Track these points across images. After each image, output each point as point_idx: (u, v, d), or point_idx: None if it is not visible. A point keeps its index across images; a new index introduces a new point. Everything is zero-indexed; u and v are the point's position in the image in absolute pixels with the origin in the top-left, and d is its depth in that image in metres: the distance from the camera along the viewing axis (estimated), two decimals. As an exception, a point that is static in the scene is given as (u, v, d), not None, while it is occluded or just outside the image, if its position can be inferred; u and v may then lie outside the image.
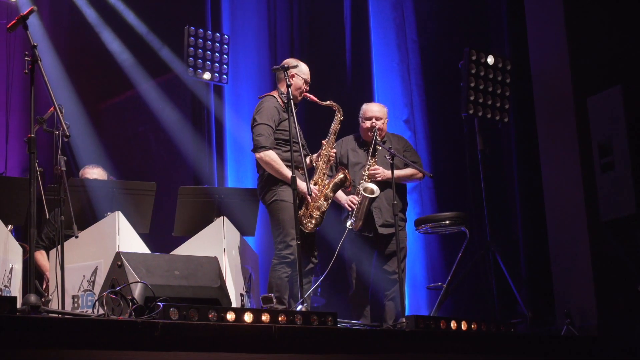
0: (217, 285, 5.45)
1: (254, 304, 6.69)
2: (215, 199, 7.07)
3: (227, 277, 6.29)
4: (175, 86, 9.48)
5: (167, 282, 5.22)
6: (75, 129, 7.99)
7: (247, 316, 4.74)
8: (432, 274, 8.66)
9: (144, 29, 9.56)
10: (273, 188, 6.40)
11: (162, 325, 4.34)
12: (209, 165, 9.35)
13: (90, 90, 9.19)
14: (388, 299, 6.84)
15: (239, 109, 9.62)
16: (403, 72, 9.12)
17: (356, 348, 5.04)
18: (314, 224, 6.50)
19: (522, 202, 8.09)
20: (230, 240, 6.64)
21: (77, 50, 9.27)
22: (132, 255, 5.32)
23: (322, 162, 6.64)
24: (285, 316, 4.89)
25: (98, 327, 4.25)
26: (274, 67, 6.52)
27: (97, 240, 6.28)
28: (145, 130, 9.79)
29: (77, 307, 6.16)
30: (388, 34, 9.22)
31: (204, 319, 4.59)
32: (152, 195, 6.89)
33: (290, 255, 6.24)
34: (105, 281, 5.30)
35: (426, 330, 5.38)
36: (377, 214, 6.87)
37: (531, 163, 7.69)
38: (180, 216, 7.03)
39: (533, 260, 7.86)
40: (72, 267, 6.10)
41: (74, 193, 6.10)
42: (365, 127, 6.99)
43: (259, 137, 6.42)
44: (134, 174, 8.54)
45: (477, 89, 7.52)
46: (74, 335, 4.11)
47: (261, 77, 9.64)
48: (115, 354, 4.21)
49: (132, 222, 6.38)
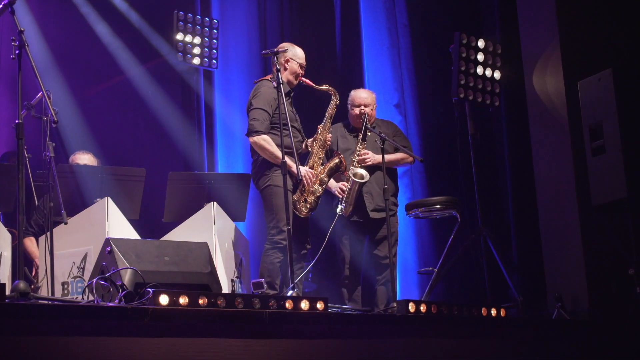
0: (208, 271, 5.45)
1: (244, 289, 6.69)
2: (205, 184, 7.06)
3: (217, 263, 6.28)
4: (165, 71, 9.44)
5: (157, 268, 5.21)
6: (63, 114, 7.92)
7: (237, 302, 4.73)
8: (423, 258, 8.67)
9: (133, 14, 9.50)
10: (267, 173, 6.40)
11: (152, 311, 4.34)
12: (199, 150, 9.33)
13: (78, 75, 9.12)
14: (379, 284, 6.86)
15: (229, 94, 9.59)
16: (393, 57, 9.10)
17: (347, 333, 5.05)
18: (308, 208, 6.50)
19: (513, 186, 8.10)
20: (221, 226, 6.63)
21: (65, 35, 9.19)
22: (122, 241, 5.30)
23: (318, 147, 6.64)
24: (276, 301, 4.89)
25: (88, 313, 4.24)
26: (264, 51, 6.49)
27: (86, 227, 6.27)
28: (134, 116, 9.75)
29: (67, 294, 6.16)
30: (378, 17, 9.20)
31: (195, 305, 4.58)
32: (142, 181, 6.89)
33: (283, 240, 6.23)
34: (95, 267, 5.29)
35: (417, 315, 5.39)
36: (368, 198, 6.87)
37: (522, 147, 7.69)
38: (170, 202, 7.02)
39: (524, 245, 7.89)
40: (61, 254, 6.09)
41: (62, 179, 6.09)
42: (354, 113, 6.98)
43: (253, 122, 6.41)
44: (123, 160, 8.49)
45: (467, 72, 7.50)
46: (63, 322, 4.11)
47: (251, 62, 9.61)
48: (105, 340, 4.21)
49: (122, 208, 6.36)
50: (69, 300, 5.49)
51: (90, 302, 4.78)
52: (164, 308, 4.47)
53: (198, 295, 4.63)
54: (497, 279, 7.28)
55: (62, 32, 9.24)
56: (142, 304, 4.52)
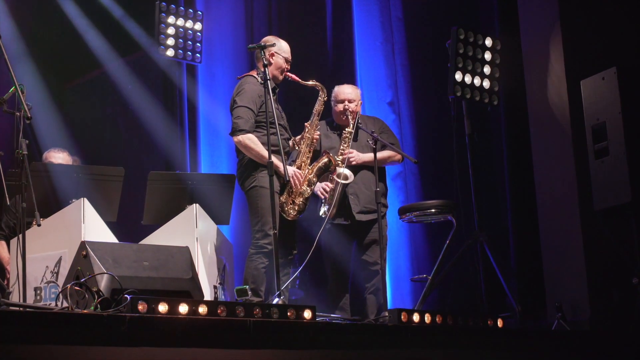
0: (189, 276, 5.45)
1: (228, 296, 6.70)
2: (187, 185, 7.06)
3: (199, 268, 6.29)
4: (146, 65, 9.45)
5: (135, 273, 5.22)
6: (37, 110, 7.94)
7: (220, 309, 4.74)
8: (417, 265, 8.68)
9: (112, 3, 9.51)
10: (253, 174, 6.42)
11: (129, 319, 4.33)
12: (181, 149, 9.35)
13: (54, 68, 9.14)
14: (369, 292, 6.84)
15: (213, 90, 9.60)
16: (387, 52, 9.11)
17: (336, 344, 5.05)
18: (296, 210, 6.53)
19: (512, 189, 8.12)
20: (203, 229, 6.65)
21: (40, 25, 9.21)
22: (99, 244, 5.31)
23: (305, 146, 6.66)
24: (261, 310, 4.89)
25: (61, 321, 4.23)
26: (250, 45, 6.52)
27: (61, 229, 6.27)
28: (113, 112, 9.77)
29: (40, 300, 6.12)
30: (371, 11, 9.21)
31: (175, 312, 4.59)
32: (120, 181, 6.88)
33: (268, 245, 6.24)
34: (70, 272, 5.28)
35: (410, 325, 5.39)
36: (353, 200, 6.84)
37: (521, 148, 7.72)
38: (150, 203, 7.02)
39: (523, 251, 7.91)
40: (34, 258, 6.06)
41: (36, 178, 6.08)
42: (338, 110, 6.98)
43: (237, 120, 6.43)
44: (100, 159, 8.52)
45: (465, 70, 7.53)
46: (35, 330, 4.10)
47: (237, 56, 9.62)
48: (80, 349, 4.20)
49: (99, 210, 6.36)
50: (42, 307, 5.47)
51: (64, 309, 4.78)
52: (143, 316, 4.47)
53: (178, 303, 4.63)
54: (494, 287, 7.30)
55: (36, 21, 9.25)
56: (119, 311, 4.52)
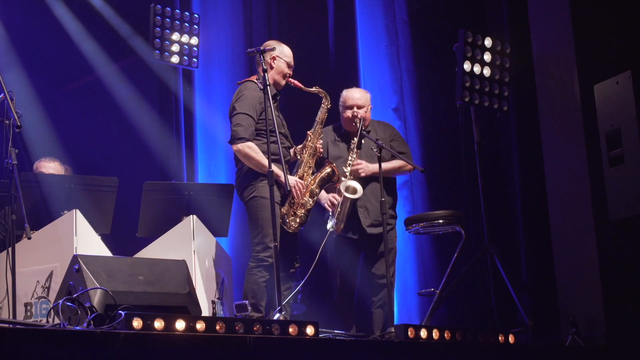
0: (186, 291, 5.45)
1: (226, 312, 6.70)
2: (184, 195, 7.07)
3: (196, 283, 6.29)
4: (140, 71, 9.44)
5: (129, 288, 5.21)
6: (28, 118, 7.91)
7: (218, 326, 4.73)
8: (424, 278, 8.68)
9: (105, 7, 9.50)
10: (253, 183, 6.40)
11: (124, 336, 4.32)
12: (177, 158, 9.34)
13: (45, 75, 9.11)
14: (376, 307, 6.85)
15: (210, 96, 9.61)
16: (392, 56, 9.13)
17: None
18: (298, 222, 6.50)
19: (523, 199, 8.11)
20: (201, 242, 6.63)
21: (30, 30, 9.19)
22: (91, 258, 5.30)
23: (308, 155, 6.64)
24: (261, 326, 4.89)
25: (53, 338, 4.22)
26: (249, 50, 6.49)
27: (52, 242, 6.26)
28: (106, 120, 9.73)
29: (30, 316, 6.15)
30: (375, 13, 9.23)
31: (171, 329, 4.58)
32: (114, 192, 6.89)
33: (269, 258, 6.23)
34: (61, 287, 5.28)
35: (417, 341, 5.40)
36: (363, 213, 6.85)
37: (533, 156, 7.71)
38: (145, 215, 7.02)
39: (535, 264, 7.89)
40: (24, 272, 6.09)
41: (26, 189, 6.09)
42: (347, 116, 6.96)
43: (237, 128, 6.41)
44: (93, 168, 8.47)
45: (473, 74, 7.52)
46: (26, 348, 4.09)
47: (235, 61, 9.63)
48: (72, 368, 4.20)
49: (92, 222, 6.36)
50: (32, 324, 5.50)
51: (55, 325, 4.76)
52: (138, 332, 4.46)
53: (175, 319, 4.63)
54: (505, 301, 7.30)
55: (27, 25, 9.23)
56: (113, 327, 4.52)
